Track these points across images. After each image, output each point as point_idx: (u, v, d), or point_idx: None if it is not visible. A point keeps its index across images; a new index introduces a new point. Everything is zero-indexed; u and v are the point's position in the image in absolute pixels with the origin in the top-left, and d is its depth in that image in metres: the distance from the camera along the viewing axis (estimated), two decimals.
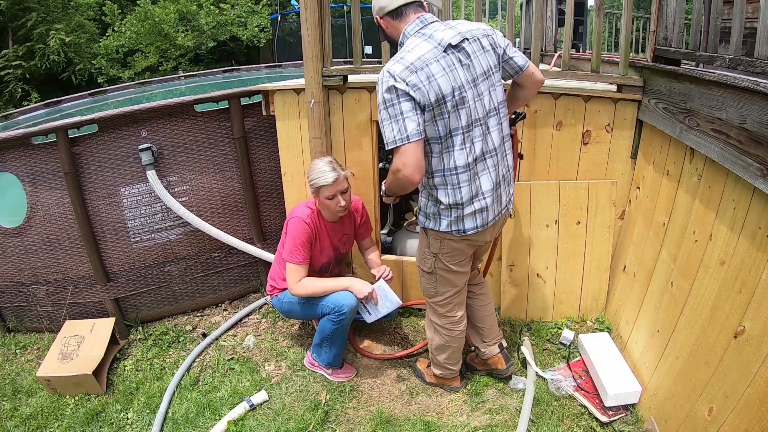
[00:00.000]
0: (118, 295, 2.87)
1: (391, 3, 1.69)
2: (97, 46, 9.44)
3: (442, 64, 1.61)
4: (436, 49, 1.61)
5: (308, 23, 2.35)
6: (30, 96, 8.67)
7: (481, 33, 1.71)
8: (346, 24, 9.76)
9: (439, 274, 1.94)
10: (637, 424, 2.03)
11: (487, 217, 1.80)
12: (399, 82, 1.56)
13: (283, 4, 10.30)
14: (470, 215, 1.77)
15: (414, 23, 1.68)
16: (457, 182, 1.72)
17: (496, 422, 2.11)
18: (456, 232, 1.80)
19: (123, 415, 2.31)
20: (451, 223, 1.79)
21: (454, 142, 1.68)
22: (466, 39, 1.66)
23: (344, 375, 2.43)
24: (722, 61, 1.80)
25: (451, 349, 2.15)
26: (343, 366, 2.47)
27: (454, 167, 1.71)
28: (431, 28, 1.67)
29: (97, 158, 2.63)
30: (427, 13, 1.72)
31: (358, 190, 2.73)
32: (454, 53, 1.64)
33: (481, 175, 1.75)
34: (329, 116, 2.61)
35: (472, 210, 1.76)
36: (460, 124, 1.66)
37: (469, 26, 1.71)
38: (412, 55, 1.60)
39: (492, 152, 1.76)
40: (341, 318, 2.20)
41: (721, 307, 1.64)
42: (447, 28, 1.67)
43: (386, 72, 1.60)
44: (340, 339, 2.33)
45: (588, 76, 2.39)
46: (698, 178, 1.88)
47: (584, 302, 2.65)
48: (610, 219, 2.52)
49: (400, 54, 1.63)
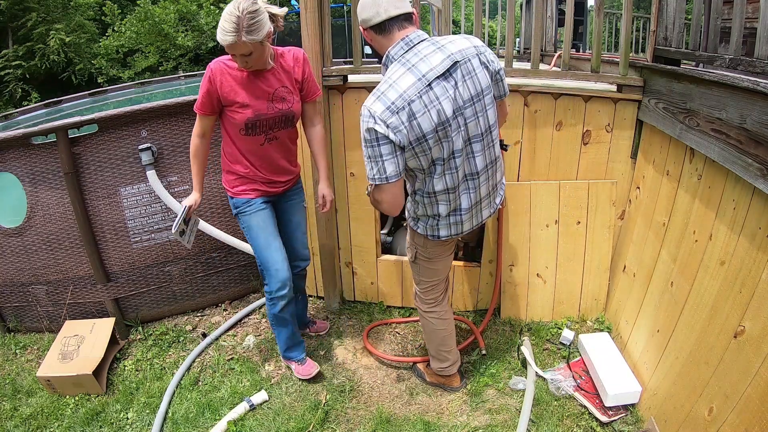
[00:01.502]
0: (118, 295, 2.87)
1: (374, 17, 1.58)
2: (97, 46, 9.44)
3: (425, 101, 1.55)
4: (420, 82, 1.54)
5: (308, 23, 2.35)
6: (30, 96, 8.68)
7: (473, 53, 1.63)
8: (346, 24, 9.75)
9: (420, 264, 2.05)
10: (637, 424, 2.03)
11: (462, 228, 1.86)
12: (379, 124, 1.53)
13: (283, 4, 10.30)
14: (445, 226, 1.84)
15: (398, 46, 1.59)
16: (436, 201, 1.78)
17: (496, 422, 2.11)
18: (431, 237, 1.88)
19: (123, 415, 2.31)
20: (427, 228, 1.87)
21: (434, 170, 1.69)
22: (456, 62, 1.59)
23: (305, 372, 2.41)
24: (722, 61, 1.80)
25: (441, 334, 2.18)
26: (306, 361, 2.45)
27: (433, 191, 1.75)
28: (416, 53, 1.58)
29: (97, 158, 2.63)
30: (413, 30, 1.62)
31: (358, 190, 2.73)
32: (440, 84, 1.57)
33: (462, 194, 1.78)
34: (329, 116, 2.61)
35: (447, 223, 1.83)
36: (442, 155, 1.65)
37: (461, 45, 1.62)
38: (393, 93, 1.54)
39: (474, 175, 1.76)
40: (271, 299, 2.23)
41: (721, 307, 1.64)
42: (435, 51, 1.58)
43: (367, 111, 1.55)
44: (283, 327, 2.34)
45: (588, 76, 2.39)
46: (698, 178, 1.88)
47: (584, 302, 2.65)
48: (610, 219, 2.52)
49: (382, 88, 1.57)
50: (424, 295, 2.14)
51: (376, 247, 2.85)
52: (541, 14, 2.64)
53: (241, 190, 2.17)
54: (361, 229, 2.83)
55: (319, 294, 3.09)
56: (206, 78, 1.97)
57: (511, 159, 2.52)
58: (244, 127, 2.03)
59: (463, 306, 2.87)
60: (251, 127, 2.04)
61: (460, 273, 2.79)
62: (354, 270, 2.95)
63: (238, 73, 1.97)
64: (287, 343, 2.41)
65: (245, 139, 2.07)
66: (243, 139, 2.08)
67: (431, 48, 1.59)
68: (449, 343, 2.21)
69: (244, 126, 2.03)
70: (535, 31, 2.39)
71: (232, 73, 1.97)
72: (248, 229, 2.20)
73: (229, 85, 1.97)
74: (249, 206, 2.17)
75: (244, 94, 1.99)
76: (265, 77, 2.02)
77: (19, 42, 8.75)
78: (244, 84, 1.99)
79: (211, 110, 2.02)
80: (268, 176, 2.17)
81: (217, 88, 1.97)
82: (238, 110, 2.00)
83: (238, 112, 2.00)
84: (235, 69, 1.97)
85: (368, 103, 1.56)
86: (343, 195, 2.78)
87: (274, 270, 2.19)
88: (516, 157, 2.51)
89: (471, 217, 1.85)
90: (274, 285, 2.20)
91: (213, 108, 2.02)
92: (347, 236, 2.88)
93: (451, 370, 2.26)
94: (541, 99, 2.39)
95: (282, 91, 2.06)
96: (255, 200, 2.18)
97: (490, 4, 5.87)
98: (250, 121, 2.02)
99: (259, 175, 2.15)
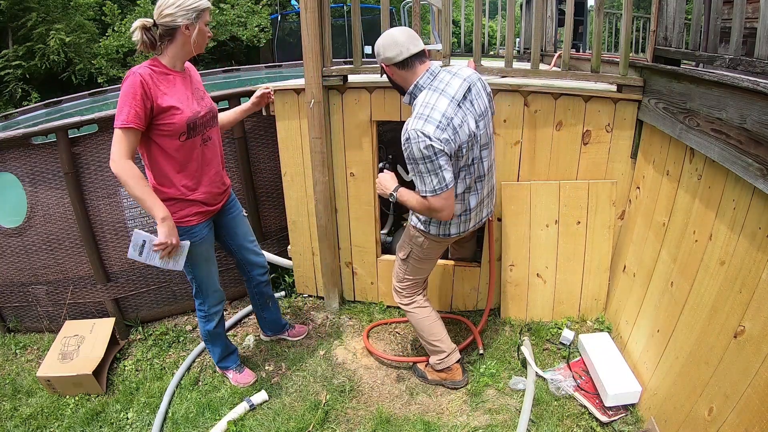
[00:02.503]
0: (118, 295, 2.87)
1: (398, 55, 1.81)
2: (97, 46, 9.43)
3: (460, 117, 1.80)
4: (452, 103, 1.80)
5: (308, 23, 2.35)
6: (30, 96, 8.67)
7: (476, 77, 1.93)
8: (346, 24, 9.76)
9: (411, 263, 2.19)
10: (637, 424, 2.03)
11: (468, 226, 2.08)
12: (435, 141, 1.74)
13: (283, 4, 10.30)
14: (455, 224, 2.04)
15: (425, 76, 1.85)
16: (457, 202, 1.98)
17: (496, 422, 2.12)
18: (442, 235, 2.06)
19: (123, 415, 2.32)
20: (440, 228, 2.05)
21: (459, 175, 1.92)
22: (470, 85, 1.87)
23: (244, 380, 2.44)
24: (722, 61, 1.80)
25: (426, 322, 2.25)
26: (244, 370, 2.48)
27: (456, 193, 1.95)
28: (441, 80, 1.85)
29: (97, 158, 2.63)
30: (429, 62, 1.87)
31: (358, 190, 2.73)
32: (464, 103, 1.84)
33: (471, 195, 2.01)
34: (329, 116, 2.61)
35: (458, 221, 2.04)
36: (468, 161, 1.91)
37: (467, 71, 1.91)
38: (437, 113, 1.76)
39: (481, 177, 2.01)
40: (206, 317, 2.23)
41: (721, 307, 1.64)
42: (453, 77, 1.86)
43: (420, 133, 1.74)
44: (218, 341, 2.36)
45: (588, 76, 2.39)
46: (698, 178, 1.88)
47: (584, 302, 2.65)
48: (610, 219, 2.52)
49: (426, 111, 1.77)
50: (405, 291, 2.27)
51: (376, 247, 2.85)
52: (541, 14, 2.64)
53: (181, 217, 1.96)
54: (361, 229, 2.83)
55: (319, 294, 3.09)
56: (135, 85, 1.74)
57: (511, 159, 2.52)
58: (186, 129, 1.87)
59: (463, 306, 2.87)
60: (192, 128, 1.90)
61: (460, 273, 2.79)
62: (354, 270, 2.95)
63: (162, 77, 1.83)
64: (222, 354, 2.42)
65: (184, 146, 1.90)
66: (181, 148, 1.90)
67: (449, 75, 1.88)
68: (437, 331, 2.26)
69: (186, 128, 1.87)
70: (535, 31, 2.39)
71: (157, 78, 1.82)
72: (191, 257, 2.01)
73: (160, 89, 1.81)
74: (193, 235, 2.00)
75: (176, 97, 1.85)
76: (183, 77, 1.93)
77: (19, 42, 8.74)
78: (171, 87, 1.85)
79: (144, 122, 1.77)
80: (206, 190, 2.02)
81: (151, 95, 1.77)
82: (175, 114, 1.83)
83: (176, 115, 1.84)
84: (160, 73, 1.83)
85: (418, 126, 1.75)
86: (343, 195, 2.78)
87: (212, 291, 2.20)
88: (516, 157, 2.51)
89: (476, 215, 2.08)
90: (211, 303, 2.21)
91: (145, 119, 1.78)
92: (347, 236, 2.88)
93: (448, 361, 2.27)
94: (541, 99, 2.39)
95: (200, 89, 2.01)
96: (197, 227, 2.02)
97: (490, 4, 5.86)
98: (191, 121, 1.88)
99: (195, 193, 1.98)
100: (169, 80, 1.86)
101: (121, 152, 1.75)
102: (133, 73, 1.77)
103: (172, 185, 1.93)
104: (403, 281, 2.25)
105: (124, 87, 1.76)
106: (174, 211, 1.93)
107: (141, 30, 1.80)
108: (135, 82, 1.74)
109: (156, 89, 1.79)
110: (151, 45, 1.85)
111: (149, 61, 1.85)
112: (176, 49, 1.86)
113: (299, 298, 3.14)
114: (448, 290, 2.84)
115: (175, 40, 1.83)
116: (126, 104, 1.73)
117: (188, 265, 2.04)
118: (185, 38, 1.83)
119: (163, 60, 1.86)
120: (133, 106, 1.73)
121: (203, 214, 2.03)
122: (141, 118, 1.75)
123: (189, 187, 1.96)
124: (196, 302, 2.24)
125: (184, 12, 1.79)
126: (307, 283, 3.11)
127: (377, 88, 2.51)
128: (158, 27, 1.81)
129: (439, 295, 2.85)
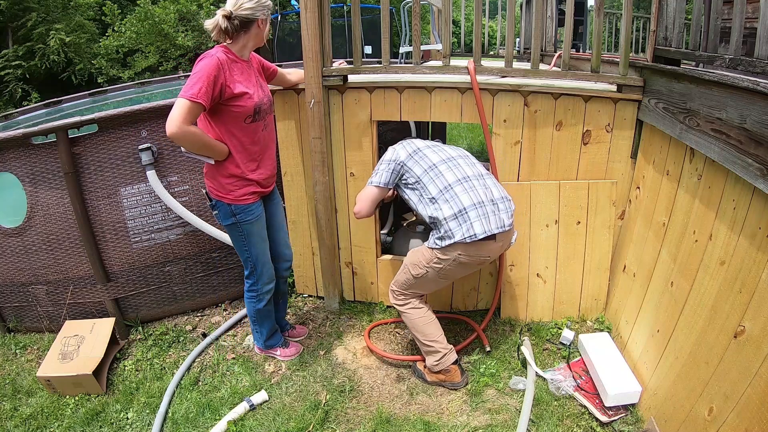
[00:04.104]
0: (118, 295, 2.87)
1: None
2: (97, 46, 9.44)
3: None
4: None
5: (308, 23, 2.35)
6: (30, 96, 8.67)
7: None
8: (346, 24, 9.75)
9: (419, 282, 2.21)
10: (637, 424, 2.03)
11: (489, 224, 2.05)
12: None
13: (283, 4, 10.29)
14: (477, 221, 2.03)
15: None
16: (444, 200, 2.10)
17: (496, 422, 2.11)
18: (468, 238, 2.02)
19: (123, 415, 2.31)
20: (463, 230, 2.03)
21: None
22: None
23: (292, 352, 2.57)
24: (722, 61, 1.80)
25: (421, 322, 2.26)
26: (289, 344, 2.60)
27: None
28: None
29: (97, 158, 2.63)
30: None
31: (358, 190, 2.72)
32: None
33: (461, 195, 2.06)
34: (329, 116, 2.61)
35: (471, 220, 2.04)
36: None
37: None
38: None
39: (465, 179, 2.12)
40: (258, 295, 2.32)
41: (721, 307, 1.64)
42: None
43: None
44: (267, 320, 2.46)
45: (588, 76, 2.39)
46: (698, 178, 1.88)
47: (584, 302, 2.65)
48: (610, 219, 2.52)
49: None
50: (400, 294, 2.30)
51: (376, 247, 2.85)
52: (541, 14, 2.64)
53: (240, 195, 2.10)
54: (361, 229, 2.83)
55: (319, 294, 3.09)
56: (212, 66, 1.85)
57: (511, 159, 2.52)
58: (252, 113, 2.02)
59: (463, 306, 2.87)
60: (257, 113, 2.04)
61: None
62: (354, 270, 2.95)
63: (233, 65, 1.98)
64: (270, 332, 2.51)
65: (248, 128, 2.04)
66: (246, 129, 2.04)
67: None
68: (432, 331, 2.27)
69: (252, 113, 2.01)
70: (535, 31, 2.39)
71: (230, 64, 1.95)
72: (248, 236, 2.19)
73: (233, 75, 1.96)
74: (250, 213, 2.14)
75: (245, 83, 2.00)
76: (249, 65, 2.08)
77: (19, 42, 8.74)
78: (240, 74, 2.00)
79: (210, 101, 1.87)
80: (263, 172, 2.16)
81: (224, 78, 1.90)
82: (247, 98, 1.98)
83: (247, 99, 1.98)
84: (231, 60, 1.97)
85: None
86: (343, 195, 2.78)
87: (267, 269, 2.29)
88: (516, 157, 2.51)
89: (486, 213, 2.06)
90: (264, 281, 2.29)
91: (212, 99, 1.88)
92: (347, 236, 2.88)
93: (445, 361, 2.27)
94: (541, 99, 2.39)
95: (260, 78, 2.15)
96: (254, 205, 2.15)
97: (490, 4, 5.87)
98: (257, 106, 2.03)
99: (255, 174, 2.12)
100: (239, 67, 2.00)
101: (183, 118, 1.82)
102: (210, 55, 1.89)
103: (235, 164, 2.06)
104: (402, 293, 2.29)
105: (200, 65, 1.88)
106: (234, 189, 2.09)
107: (223, 18, 1.92)
108: (213, 63, 1.87)
109: (230, 74, 1.93)
110: (227, 33, 1.96)
111: (222, 48, 1.97)
112: (248, 40, 2.01)
113: (299, 298, 3.14)
114: (448, 290, 2.84)
115: (250, 31, 1.99)
116: (200, 81, 1.83)
117: (245, 245, 2.20)
118: (259, 31, 2.01)
119: (233, 48, 2.00)
120: (206, 84, 1.84)
121: (258, 194, 2.18)
122: (209, 97, 1.86)
123: (250, 167, 2.10)
124: (246, 284, 2.34)
125: (262, 8, 1.97)
126: (307, 283, 3.11)
127: (377, 88, 2.51)
128: (234, 18, 1.93)
129: (439, 295, 2.85)
